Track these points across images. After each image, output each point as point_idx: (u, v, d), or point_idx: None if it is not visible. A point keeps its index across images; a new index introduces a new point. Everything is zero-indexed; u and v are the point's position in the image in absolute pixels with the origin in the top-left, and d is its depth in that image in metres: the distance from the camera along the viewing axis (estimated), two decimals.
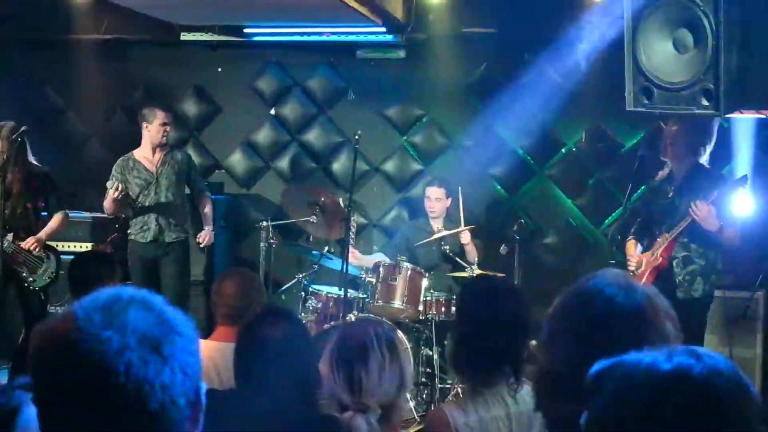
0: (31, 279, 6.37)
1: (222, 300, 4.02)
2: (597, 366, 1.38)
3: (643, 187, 6.51)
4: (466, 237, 7.01)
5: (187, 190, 7.41)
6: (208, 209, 7.33)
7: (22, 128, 6.21)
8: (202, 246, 7.32)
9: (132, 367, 1.31)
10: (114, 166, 7.09)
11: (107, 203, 6.88)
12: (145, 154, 7.13)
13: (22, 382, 2.27)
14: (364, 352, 2.71)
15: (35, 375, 1.38)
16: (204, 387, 1.45)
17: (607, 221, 7.66)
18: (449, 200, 7.32)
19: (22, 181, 6.32)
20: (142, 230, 7.02)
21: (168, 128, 7.13)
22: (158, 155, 7.13)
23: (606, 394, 1.33)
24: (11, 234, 6.21)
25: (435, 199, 7.30)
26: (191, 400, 1.39)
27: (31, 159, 6.59)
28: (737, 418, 1.30)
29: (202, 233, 7.25)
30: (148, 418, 1.32)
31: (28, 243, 6.33)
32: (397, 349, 2.72)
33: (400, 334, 2.86)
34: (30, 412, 1.99)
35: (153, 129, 7.03)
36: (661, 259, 5.79)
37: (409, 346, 2.92)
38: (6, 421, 2.00)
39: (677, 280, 5.75)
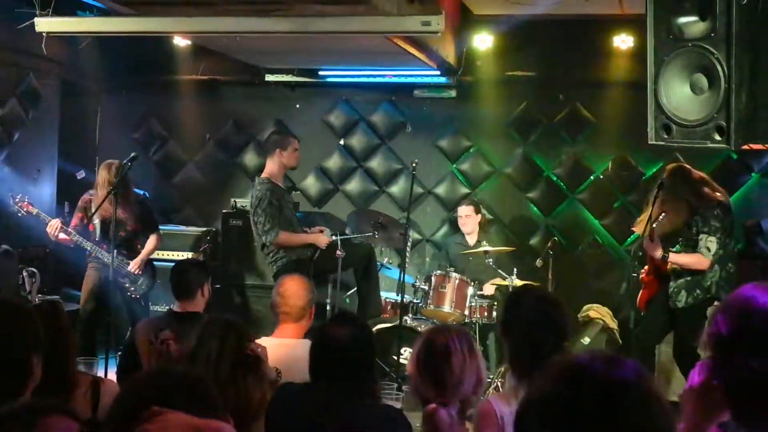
0: (132, 288, 6.54)
1: (283, 300, 4.01)
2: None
3: None
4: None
5: None
6: None
7: (132, 154, 6.16)
8: None
9: None
10: (270, 195, 6.32)
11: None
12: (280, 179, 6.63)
13: None
14: (447, 354, 2.67)
15: None
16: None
17: (629, 240, 7.61)
18: (479, 216, 7.35)
19: (126, 208, 6.42)
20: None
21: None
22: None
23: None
24: (115, 251, 6.28)
25: (465, 216, 7.32)
26: None
27: (133, 188, 6.72)
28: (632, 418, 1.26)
29: None
30: None
31: (133, 267, 6.50)
32: (475, 351, 2.68)
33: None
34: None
35: (288, 154, 6.51)
36: (643, 273, 5.89)
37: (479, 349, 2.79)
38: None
39: (669, 292, 5.71)
